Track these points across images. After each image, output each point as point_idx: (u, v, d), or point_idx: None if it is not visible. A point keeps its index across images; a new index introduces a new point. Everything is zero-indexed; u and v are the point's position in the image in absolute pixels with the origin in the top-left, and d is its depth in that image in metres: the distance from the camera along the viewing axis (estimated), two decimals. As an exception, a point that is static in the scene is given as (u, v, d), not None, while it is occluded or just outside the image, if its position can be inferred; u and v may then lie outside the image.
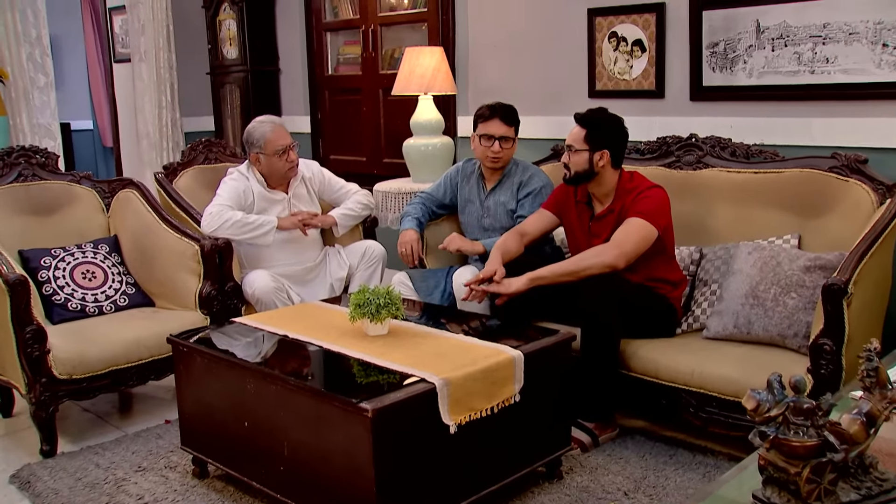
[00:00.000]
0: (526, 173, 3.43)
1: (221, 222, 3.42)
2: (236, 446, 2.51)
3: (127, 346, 3.06)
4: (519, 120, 3.40)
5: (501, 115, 3.35)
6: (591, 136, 2.99)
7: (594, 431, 2.89)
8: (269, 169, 3.58)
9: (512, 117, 3.37)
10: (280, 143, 3.54)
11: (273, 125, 3.58)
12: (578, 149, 2.99)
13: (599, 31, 3.86)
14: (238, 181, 3.58)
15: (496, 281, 2.97)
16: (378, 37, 5.01)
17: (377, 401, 2.06)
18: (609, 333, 2.80)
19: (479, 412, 2.29)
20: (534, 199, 3.36)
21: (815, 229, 2.95)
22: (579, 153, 2.99)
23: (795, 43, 3.22)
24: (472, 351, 2.41)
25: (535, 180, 3.41)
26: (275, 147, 3.54)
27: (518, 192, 3.41)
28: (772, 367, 2.55)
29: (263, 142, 3.54)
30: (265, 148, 3.54)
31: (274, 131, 3.55)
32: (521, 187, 3.41)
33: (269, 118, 3.66)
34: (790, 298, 2.70)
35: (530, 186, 3.39)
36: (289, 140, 3.59)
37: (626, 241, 2.88)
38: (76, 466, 2.83)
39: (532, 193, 3.38)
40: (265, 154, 3.54)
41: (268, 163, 3.56)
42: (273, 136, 3.54)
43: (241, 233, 3.46)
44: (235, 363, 2.48)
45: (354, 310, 2.52)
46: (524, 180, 3.41)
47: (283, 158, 3.55)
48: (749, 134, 3.35)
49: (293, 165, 3.61)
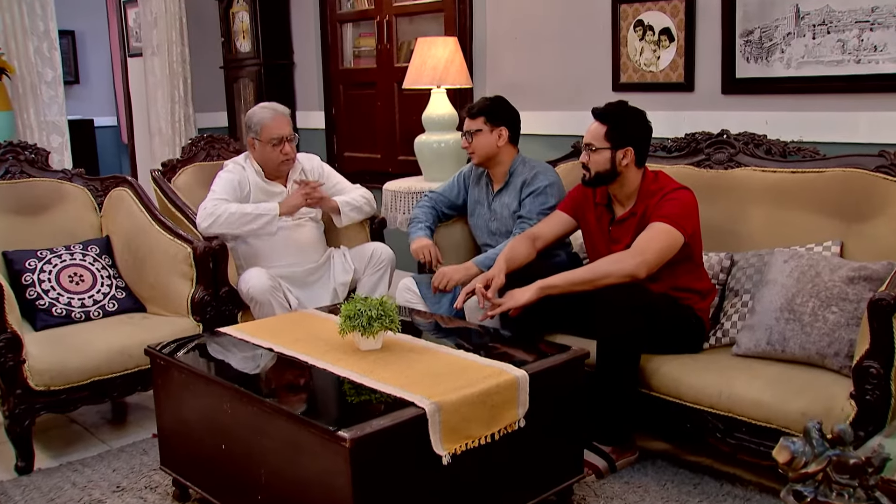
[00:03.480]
0: (531, 172, 3.18)
1: (215, 217, 3.22)
2: (214, 470, 2.29)
3: (111, 354, 2.86)
4: (492, 110, 3.18)
5: (466, 110, 3.25)
6: (613, 132, 2.73)
7: (611, 456, 2.63)
8: (262, 158, 3.40)
9: (478, 110, 3.19)
10: (276, 132, 3.35)
11: (274, 113, 3.39)
12: (599, 147, 2.73)
13: (624, 20, 3.60)
14: (233, 172, 3.39)
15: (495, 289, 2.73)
16: (393, 28, 4.79)
17: (357, 429, 1.82)
18: (628, 349, 2.54)
19: (478, 440, 2.05)
20: (535, 199, 3.11)
21: (860, 235, 2.67)
22: (600, 152, 2.73)
23: (839, 29, 2.93)
24: (471, 370, 2.17)
25: (540, 178, 3.15)
26: (270, 135, 3.34)
27: (521, 192, 3.16)
28: (809, 390, 2.29)
29: (260, 127, 3.35)
30: (261, 134, 3.36)
31: (273, 119, 3.36)
32: (524, 186, 3.16)
33: (272, 105, 3.46)
34: (831, 313, 2.42)
35: (534, 185, 3.14)
36: (287, 131, 3.38)
37: (649, 247, 2.62)
38: (51, 485, 2.64)
39: (535, 192, 3.12)
40: (260, 141, 3.37)
41: (262, 150, 3.38)
42: (271, 124, 3.35)
43: (239, 225, 3.26)
44: (213, 380, 2.27)
45: (344, 322, 2.30)
46: (528, 179, 3.16)
47: (278, 149, 3.36)
48: (786, 130, 3.07)
49: (288, 159, 3.40)
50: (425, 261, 3.23)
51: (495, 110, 3.19)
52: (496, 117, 3.17)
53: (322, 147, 5.34)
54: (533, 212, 3.09)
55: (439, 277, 3.03)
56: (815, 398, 2.26)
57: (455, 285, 3.01)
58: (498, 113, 3.18)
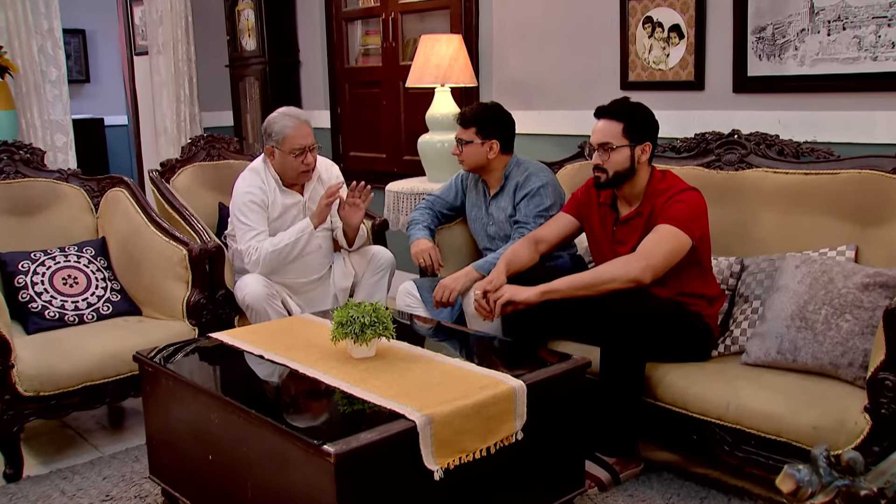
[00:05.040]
0: (524, 174, 3.08)
1: (258, 262, 3.12)
2: (202, 480, 2.22)
3: (103, 359, 2.79)
4: (484, 122, 3.06)
5: (459, 117, 3.15)
6: (631, 128, 2.62)
7: (614, 467, 2.54)
8: (281, 167, 3.22)
9: (470, 119, 3.08)
10: (300, 142, 3.17)
11: (297, 121, 3.19)
12: (619, 145, 2.62)
13: (633, 16, 3.50)
14: (253, 192, 3.18)
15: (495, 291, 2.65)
16: (399, 25, 4.71)
17: (343, 443, 1.74)
18: (633, 356, 2.45)
19: (472, 454, 1.96)
20: (530, 201, 3.01)
21: (876, 240, 2.56)
22: (619, 150, 2.62)
23: (855, 25, 2.82)
24: (466, 380, 2.08)
25: (533, 179, 3.05)
26: (293, 145, 3.16)
27: (515, 195, 3.06)
28: (821, 402, 2.19)
29: (282, 137, 3.16)
30: (282, 144, 3.17)
31: (296, 128, 3.17)
32: (517, 189, 3.06)
33: (294, 111, 3.27)
34: (844, 321, 2.31)
35: (527, 187, 3.04)
36: (310, 140, 3.20)
37: (655, 251, 2.52)
38: (39, 493, 2.58)
39: (529, 195, 3.03)
40: (281, 150, 3.18)
41: (282, 160, 3.20)
42: (294, 133, 3.16)
43: (282, 260, 3.15)
44: (200, 389, 2.19)
45: (336, 329, 2.22)
46: (521, 181, 3.07)
47: (300, 160, 3.18)
48: (800, 130, 2.96)
49: (308, 170, 3.23)
50: (426, 265, 3.13)
51: (487, 122, 3.06)
52: (488, 130, 3.05)
53: (328, 147, 5.26)
54: (529, 215, 3.00)
55: (440, 291, 2.92)
56: (828, 411, 2.16)
57: (457, 296, 2.92)
58: (490, 125, 3.06)
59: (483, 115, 3.09)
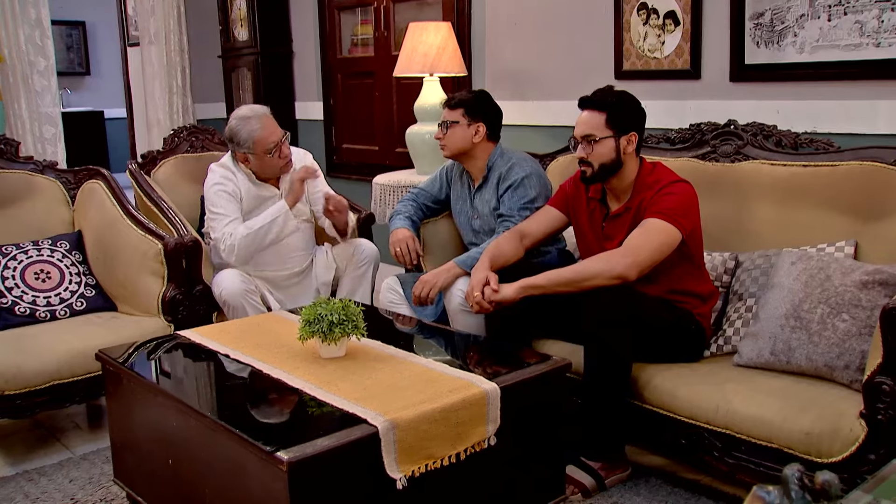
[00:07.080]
0: (507, 164, 2.96)
1: (233, 248, 3.02)
2: (162, 485, 2.12)
3: (72, 357, 2.69)
4: (472, 103, 2.99)
5: (447, 100, 3.07)
6: (614, 118, 2.51)
7: (599, 473, 2.42)
8: (260, 167, 3.13)
9: (458, 101, 3.00)
10: (272, 139, 3.07)
11: (260, 120, 3.09)
12: (602, 137, 2.51)
13: (627, 3, 3.37)
14: (224, 184, 3.10)
15: (494, 290, 2.52)
16: (391, 14, 4.59)
17: (297, 449, 1.64)
18: (617, 357, 2.33)
19: (440, 461, 1.85)
20: (514, 193, 2.90)
21: (876, 236, 2.43)
22: (603, 142, 2.51)
23: (857, 10, 2.69)
24: (437, 383, 1.97)
25: (516, 170, 2.93)
26: (265, 146, 3.06)
27: (499, 187, 2.95)
28: (815, 406, 2.07)
29: (252, 142, 3.06)
30: (255, 147, 3.06)
31: (263, 127, 3.07)
32: (501, 181, 2.95)
33: (251, 110, 3.16)
34: (841, 321, 2.19)
35: (510, 178, 2.93)
36: (279, 133, 3.11)
37: (642, 247, 2.40)
38: (2, 496, 2.49)
39: (512, 186, 2.91)
40: (255, 154, 3.08)
41: (258, 161, 3.10)
42: (263, 134, 3.06)
43: (258, 243, 3.04)
44: (160, 391, 2.09)
45: (304, 327, 2.11)
46: (504, 172, 2.95)
47: (276, 155, 3.09)
48: (798, 120, 2.83)
49: (287, 160, 3.15)
50: (402, 256, 3.01)
51: (476, 104, 2.98)
52: (476, 111, 2.96)
53: (320, 139, 5.16)
54: (514, 208, 2.88)
55: (420, 286, 2.79)
56: (822, 416, 2.04)
57: (438, 292, 2.81)
58: (478, 107, 2.97)
59: (472, 97, 3.02)
